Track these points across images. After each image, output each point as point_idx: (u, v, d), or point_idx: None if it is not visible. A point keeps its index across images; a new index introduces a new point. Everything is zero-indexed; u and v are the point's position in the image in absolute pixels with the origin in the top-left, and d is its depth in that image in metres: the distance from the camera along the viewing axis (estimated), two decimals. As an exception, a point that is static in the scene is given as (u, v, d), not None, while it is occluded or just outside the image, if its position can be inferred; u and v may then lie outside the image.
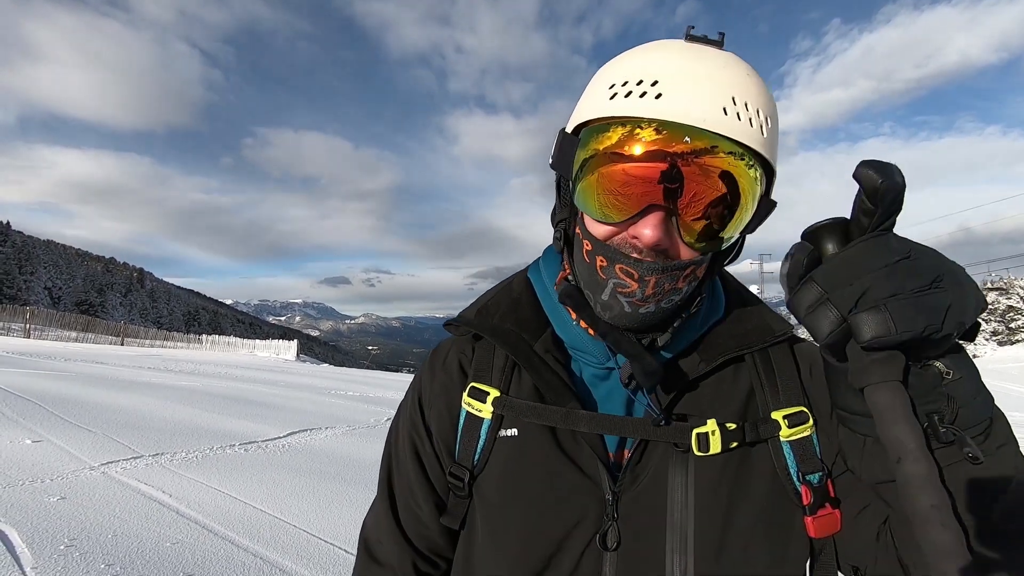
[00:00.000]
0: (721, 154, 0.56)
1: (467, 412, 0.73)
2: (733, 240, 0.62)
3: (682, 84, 0.56)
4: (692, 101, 0.56)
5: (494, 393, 0.71)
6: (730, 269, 0.77)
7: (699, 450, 0.63)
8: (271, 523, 3.30)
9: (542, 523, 0.67)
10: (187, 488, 3.80)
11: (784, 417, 0.66)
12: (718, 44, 0.61)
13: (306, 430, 6.17)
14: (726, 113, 0.56)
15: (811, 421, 0.67)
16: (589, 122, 0.62)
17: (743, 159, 0.57)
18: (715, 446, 0.63)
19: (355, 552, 2.85)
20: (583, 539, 0.65)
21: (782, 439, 0.65)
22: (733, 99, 0.56)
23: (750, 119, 0.57)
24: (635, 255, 0.59)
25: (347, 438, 5.97)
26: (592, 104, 0.62)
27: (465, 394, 0.74)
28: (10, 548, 2.64)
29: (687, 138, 0.55)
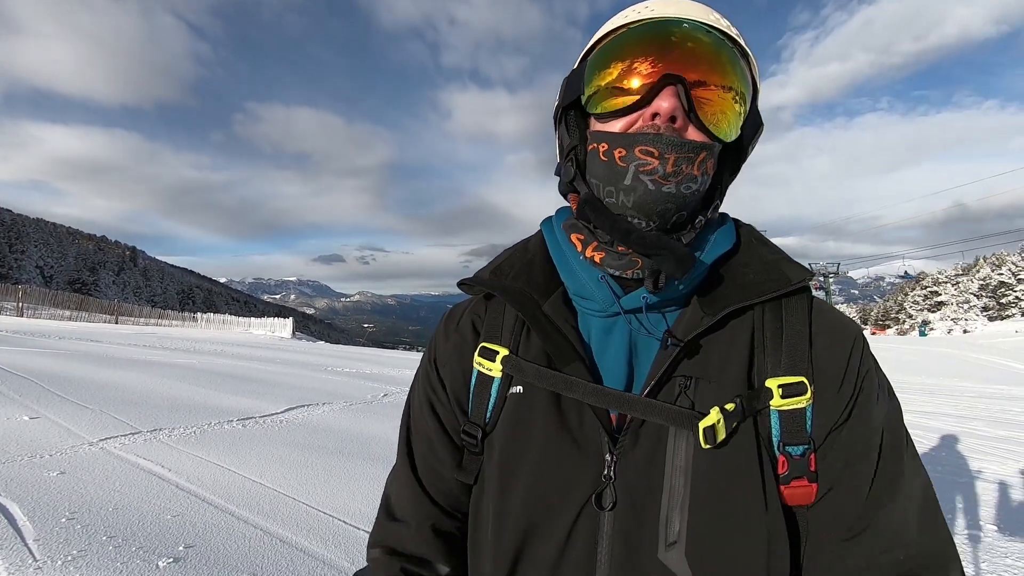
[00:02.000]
0: (716, 41, 0.64)
1: (478, 371, 0.75)
2: (736, 131, 0.67)
3: (669, 3, 0.67)
4: (679, 8, 0.66)
5: (503, 352, 0.73)
6: None
7: (706, 443, 0.61)
8: (270, 496, 3.34)
9: (542, 479, 0.68)
10: (186, 462, 3.83)
11: (779, 386, 0.64)
12: None
13: (303, 406, 6.20)
14: (711, 16, 0.66)
15: (808, 393, 0.64)
16: (592, 49, 0.70)
17: (733, 51, 0.65)
18: (721, 434, 0.62)
19: (353, 523, 2.89)
20: (580, 497, 0.66)
21: (772, 407, 0.64)
22: (712, 12, 0.67)
23: (730, 27, 0.67)
24: (653, 132, 0.62)
25: (344, 413, 6.02)
26: (598, 34, 0.71)
27: (476, 354, 0.75)
28: (12, 521, 2.67)
29: (685, 24, 0.64)
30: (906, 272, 57.43)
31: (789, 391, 0.64)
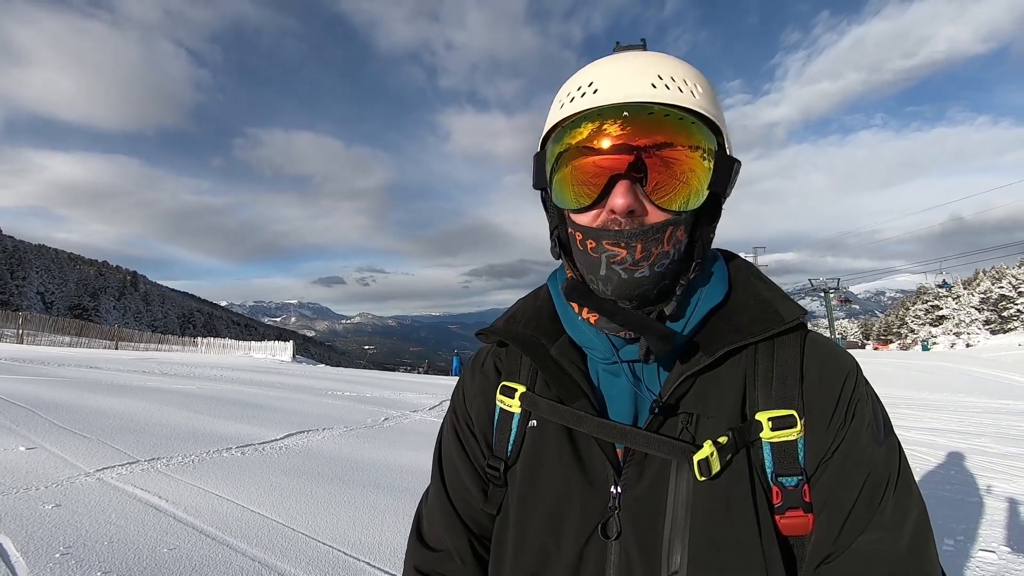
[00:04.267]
0: (662, 127, 0.64)
1: (500, 408, 0.82)
2: (701, 197, 0.67)
3: (612, 77, 0.67)
4: (621, 87, 0.65)
5: (521, 389, 0.80)
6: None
7: (701, 475, 0.65)
8: (269, 526, 3.28)
9: (555, 510, 0.73)
10: (184, 493, 3.77)
11: (769, 419, 0.67)
12: (641, 47, 0.73)
13: (303, 432, 6.14)
14: (655, 87, 0.65)
15: (799, 427, 0.67)
16: (550, 134, 0.72)
17: (681, 119, 0.64)
18: (715, 466, 0.65)
19: (354, 554, 2.82)
20: (588, 527, 0.71)
21: (763, 439, 0.68)
22: (659, 76, 0.66)
23: (679, 88, 0.66)
24: (615, 227, 0.65)
25: (345, 439, 5.95)
26: (549, 119, 0.73)
27: (497, 392, 0.83)
28: (5, 557, 2.62)
29: (625, 112, 0.63)
30: (944, 281, 56.28)
31: (779, 424, 0.67)
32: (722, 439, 0.66)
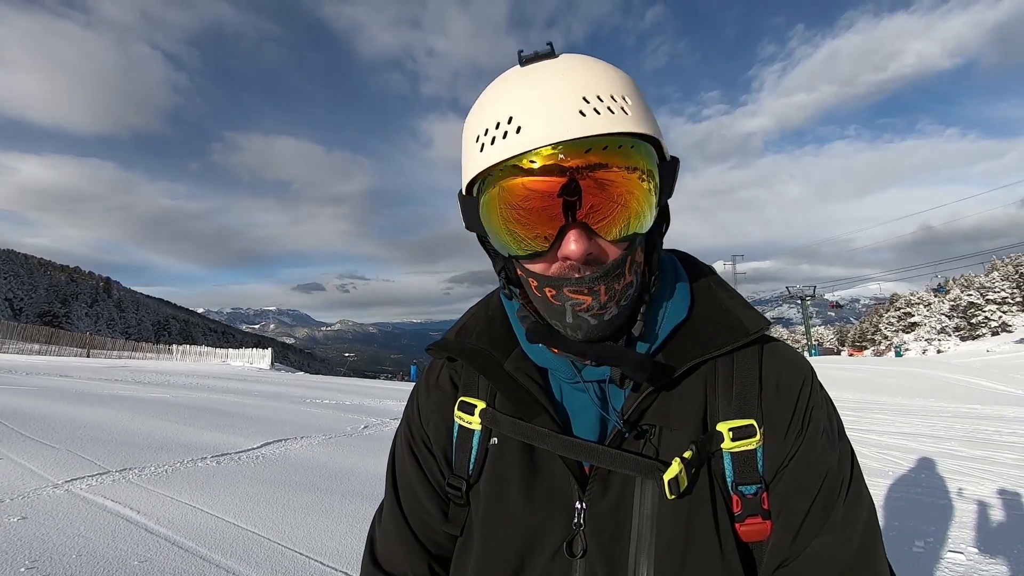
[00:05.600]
0: (597, 152, 0.57)
1: (459, 425, 0.77)
2: (647, 220, 0.62)
3: (535, 110, 0.58)
4: (550, 122, 0.57)
5: (481, 405, 0.75)
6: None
7: (671, 494, 0.63)
8: (244, 537, 3.22)
9: (518, 528, 0.70)
10: (156, 504, 3.68)
11: (729, 429, 0.67)
12: (550, 55, 0.62)
13: (281, 440, 6.04)
14: (584, 115, 0.57)
15: (758, 435, 0.67)
16: (475, 179, 0.64)
17: (620, 147, 0.58)
18: (683, 483, 0.64)
19: (331, 564, 2.78)
20: (553, 545, 0.68)
21: (723, 449, 0.67)
22: (584, 99, 0.58)
23: (608, 108, 0.58)
24: (576, 275, 0.61)
25: (323, 447, 5.88)
26: (469, 162, 0.64)
27: (456, 407, 0.78)
28: (-34, 572, 2.53)
29: (561, 156, 0.56)
30: (939, 285, 56.55)
31: (739, 434, 0.67)
32: (687, 454, 0.64)
